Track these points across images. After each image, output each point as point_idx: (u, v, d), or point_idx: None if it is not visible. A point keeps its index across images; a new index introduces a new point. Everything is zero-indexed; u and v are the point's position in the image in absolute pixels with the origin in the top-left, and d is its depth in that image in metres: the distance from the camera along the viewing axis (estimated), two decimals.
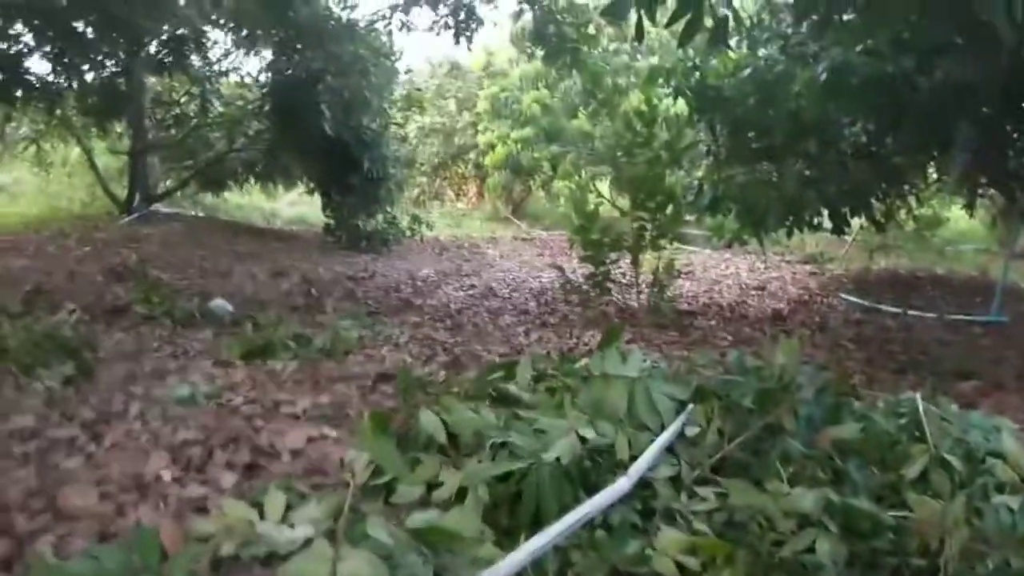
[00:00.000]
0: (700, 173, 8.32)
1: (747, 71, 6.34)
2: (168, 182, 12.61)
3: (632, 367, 3.43)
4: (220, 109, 11.33)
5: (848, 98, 5.32)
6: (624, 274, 8.40)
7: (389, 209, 11.63)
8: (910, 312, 7.85)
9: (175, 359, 4.68)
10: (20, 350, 4.13)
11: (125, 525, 2.52)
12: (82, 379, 4.03)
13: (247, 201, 16.30)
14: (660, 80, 7.72)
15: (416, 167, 16.41)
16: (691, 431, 3.08)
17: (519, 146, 13.68)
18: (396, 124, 11.81)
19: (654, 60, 8.08)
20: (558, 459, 2.65)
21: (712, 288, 9.58)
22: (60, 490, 2.75)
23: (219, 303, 6.45)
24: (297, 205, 16.94)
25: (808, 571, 2.31)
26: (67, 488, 2.76)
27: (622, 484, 2.64)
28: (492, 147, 14.68)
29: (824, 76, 5.10)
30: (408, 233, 12.13)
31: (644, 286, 7.94)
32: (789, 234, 8.09)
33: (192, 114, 11.64)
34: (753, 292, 9.41)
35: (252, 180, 13.78)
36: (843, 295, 9.09)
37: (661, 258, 7.91)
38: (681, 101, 7.92)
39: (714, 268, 11.22)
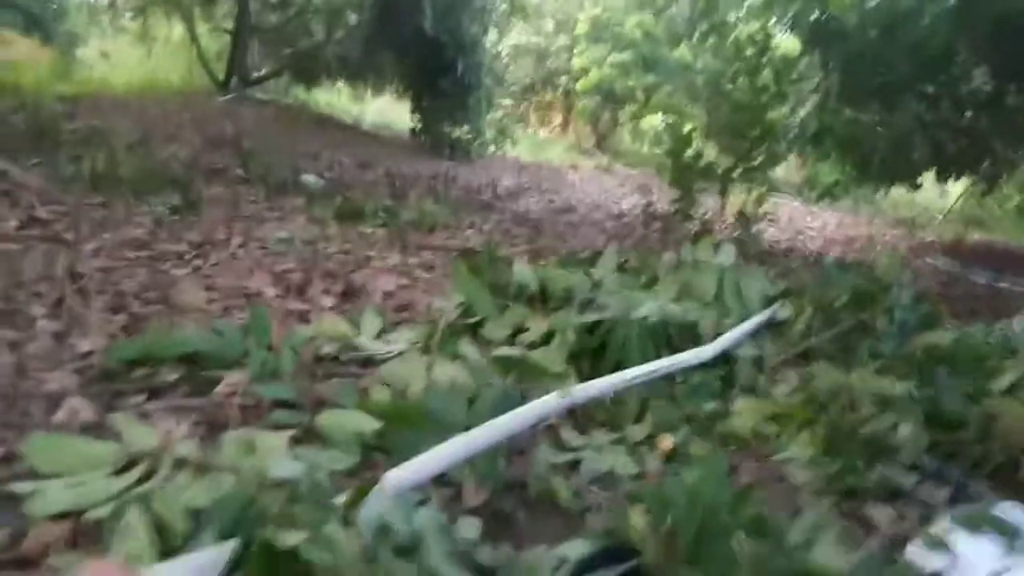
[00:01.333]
0: (805, 112, 8.06)
1: (874, 1, 6.08)
2: (264, 69, 12.84)
3: (724, 257, 3.45)
4: None
5: (976, 33, 5.05)
6: (706, 212, 8.29)
7: (477, 118, 11.62)
8: (1001, 284, 7.58)
9: (271, 210, 4.87)
10: (132, 178, 4.36)
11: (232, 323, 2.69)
12: (187, 211, 4.25)
13: (336, 101, 16.50)
14: (777, 8, 7.46)
15: (505, 87, 16.26)
16: (780, 320, 3.10)
17: (614, 72, 13.45)
18: (496, 28, 11.69)
19: None
20: (645, 317, 2.71)
21: (796, 236, 9.38)
22: (171, 288, 2.95)
23: (311, 177, 6.65)
24: (384, 114, 17.06)
25: (887, 450, 2.33)
26: (178, 286, 2.96)
27: (706, 350, 2.69)
28: (586, 71, 14.46)
29: (953, 2, 4.83)
30: (492, 147, 12.13)
31: (729, 220, 7.83)
32: (889, 185, 7.85)
33: None
34: (839, 245, 9.18)
35: (344, 78, 13.90)
36: (932, 260, 8.81)
37: (751, 193, 7.76)
38: (791, 38, 7.65)
39: (801, 219, 10.95)
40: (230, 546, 1.20)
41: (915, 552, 1.87)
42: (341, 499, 1.38)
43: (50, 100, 7.62)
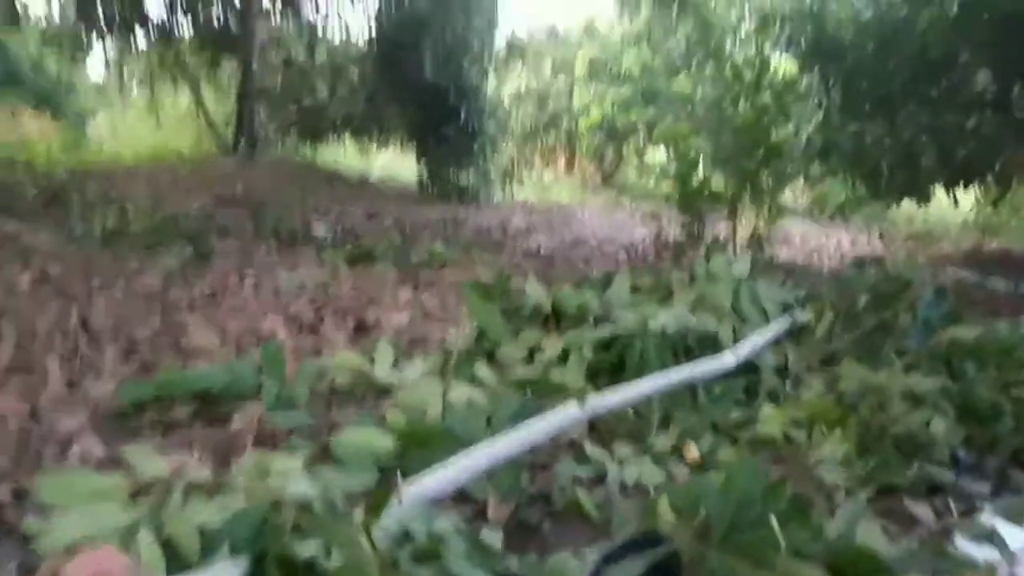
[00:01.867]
0: (809, 131, 8.06)
1: (869, 14, 6.12)
2: (271, 130, 13.07)
3: (739, 269, 3.41)
4: (325, 57, 11.74)
5: (978, 35, 5.05)
6: (718, 237, 8.25)
7: (482, 163, 11.73)
8: (1022, 289, 7.45)
9: (283, 259, 4.89)
10: (143, 234, 4.40)
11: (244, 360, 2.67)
12: (199, 263, 4.28)
13: (342, 158, 16.74)
14: (773, 28, 7.53)
15: (508, 132, 16.45)
16: (801, 327, 3.05)
17: (615, 107, 13.57)
18: (495, 74, 11.88)
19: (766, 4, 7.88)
20: (663, 329, 2.67)
21: (811, 255, 9.31)
22: (183, 334, 2.94)
23: (321, 228, 6.72)
24: (389, 167, 17.28)
25: (922, 446, 2.26)
26: (190, 331, 2.95)
27: (727, 359, 2.64)
28: (587, 109, 14.61)
29: (955, 10, 4.85)
30: (499, 191, 12.21)
31: (741, 244, 7.78)
32: (899, 199, 7.81)
33: (299, 59, 12.07)
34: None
35: (349, 133, 14.14)
36: (951, 268, 8.69)
37: (761, 215, 7.73)
38: (787, 59, 7.74)
39: (814, 239, 10.88)
40: (243, 561, 1.16)
41: (963, 544, 1.79)
42: (359, 515, 1.34)
43: (60, 171, 7.78)
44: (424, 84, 10.16)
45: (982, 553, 1.76)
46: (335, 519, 1.24)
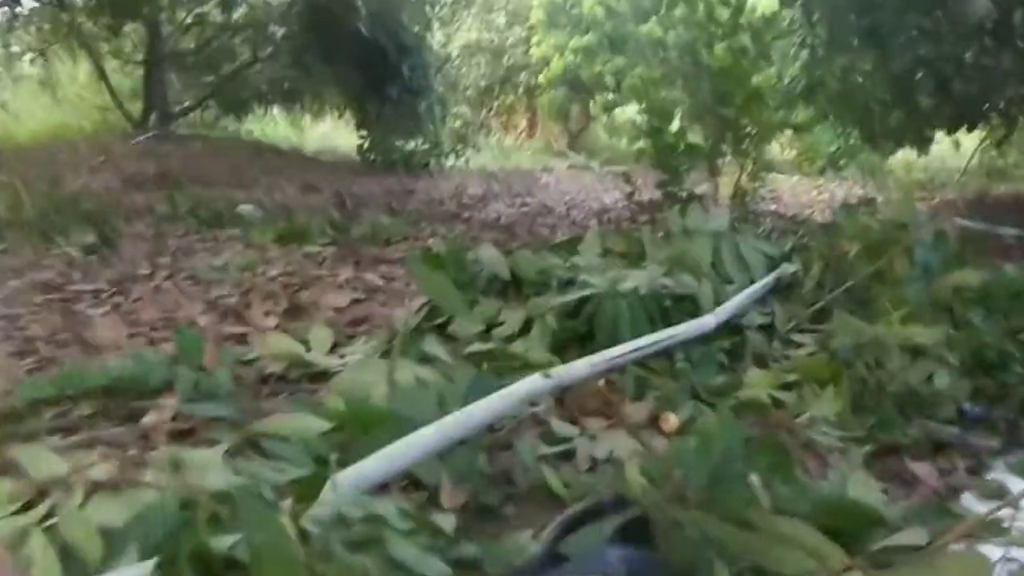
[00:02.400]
0: (792, 72, 8.14)
1: None
2: (187, 101, 12.78)
3: (718, 222, 3.43)
4: (243, 10, 11.47)
5: None
6: (697, 194, 8.30)
7: (431, 127, 11.61)
8: None
9: (203, 242, 4.81)
10: (39, 222, 4.30)
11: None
12: (105, 249, 4.19)
13: (271, 130, 16.47)
14: None
15: (461, 92, 16.28)
16: (788, 282, 3.08)
17: (578, 57, 13.54)
18: (442, 25, 11.74)
19: None
20: (635, 289, 2.66)
21: (802, 211, 9.41)
22: (87, 328, 2.87)
23: (248, 207, 6.59)
24: (328, 138, 17.05)
25: (923, 402, 2.29)
26: (95, 325, 2.89)
27: (706, 320, 2.65)
28: (547, 61, 14.56)
29: None
30: (452, 158, 12.09)
31: (724, 199, 7.84)
32: (896, 146, 7.92)
33: (214, 17, 11.78)
34: None
35: (278, 101, 13.87)
36: (958, 218, 8.85)
37: (744, 168, 7.79)
38: None
39: (805, 194, 11.03)
40: (151, 563, 1.14)
41: (971, 503, 1.83)
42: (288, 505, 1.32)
43: None
44: (359, 39, 10.01)
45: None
46: (258, 508, 1.22)
